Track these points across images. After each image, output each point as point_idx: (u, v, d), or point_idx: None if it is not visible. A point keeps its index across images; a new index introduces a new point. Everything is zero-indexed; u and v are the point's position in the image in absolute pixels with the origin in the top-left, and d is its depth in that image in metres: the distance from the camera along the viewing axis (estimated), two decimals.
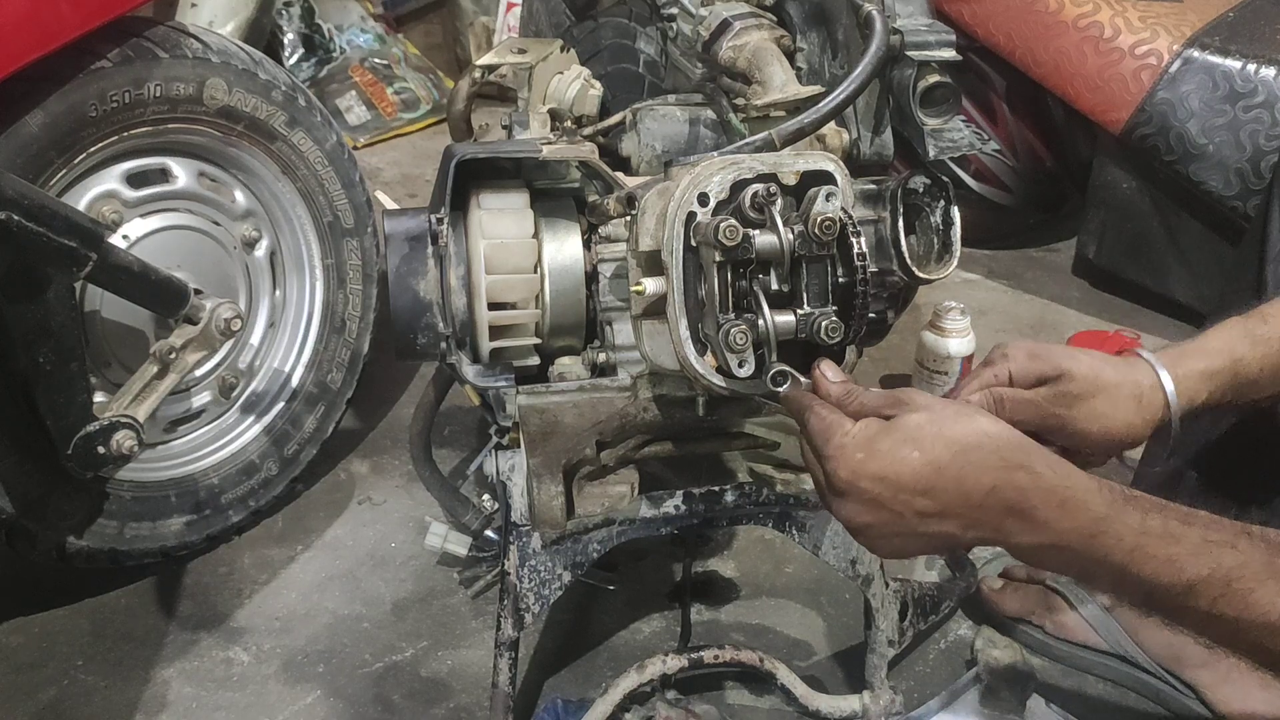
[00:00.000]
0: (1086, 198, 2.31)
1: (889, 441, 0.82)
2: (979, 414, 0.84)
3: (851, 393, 0.89)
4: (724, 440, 1.21)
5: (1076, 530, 0.79)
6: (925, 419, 0.83)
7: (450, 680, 1.40)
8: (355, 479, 1.77)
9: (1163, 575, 0.77)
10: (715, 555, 1.60)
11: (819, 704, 1.29)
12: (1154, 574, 0.78)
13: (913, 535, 0.84)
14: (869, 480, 0.82)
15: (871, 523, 0.85)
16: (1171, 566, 0.77)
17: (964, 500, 0.81)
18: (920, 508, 0.82)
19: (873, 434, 0.83)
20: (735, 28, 1.33)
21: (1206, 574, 0.77)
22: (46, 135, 1.30)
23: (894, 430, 0.83)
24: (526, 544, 1.22)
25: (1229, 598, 0.76)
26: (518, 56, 1.44)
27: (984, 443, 0.81)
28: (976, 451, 0.81)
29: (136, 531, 1.50)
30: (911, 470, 0.81)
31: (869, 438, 0.83)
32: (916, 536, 0.84)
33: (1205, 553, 0.77)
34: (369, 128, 3.17)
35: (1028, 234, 2.58)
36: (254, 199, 1.59)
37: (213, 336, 1.40)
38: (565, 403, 1.19)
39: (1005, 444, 0.81)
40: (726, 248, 0.94)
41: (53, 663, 1.42)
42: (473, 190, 1.23)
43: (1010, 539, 0.82)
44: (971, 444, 0.81)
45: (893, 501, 0.82)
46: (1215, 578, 0.76)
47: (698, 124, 1.39)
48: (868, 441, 0.83)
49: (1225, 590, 0.76)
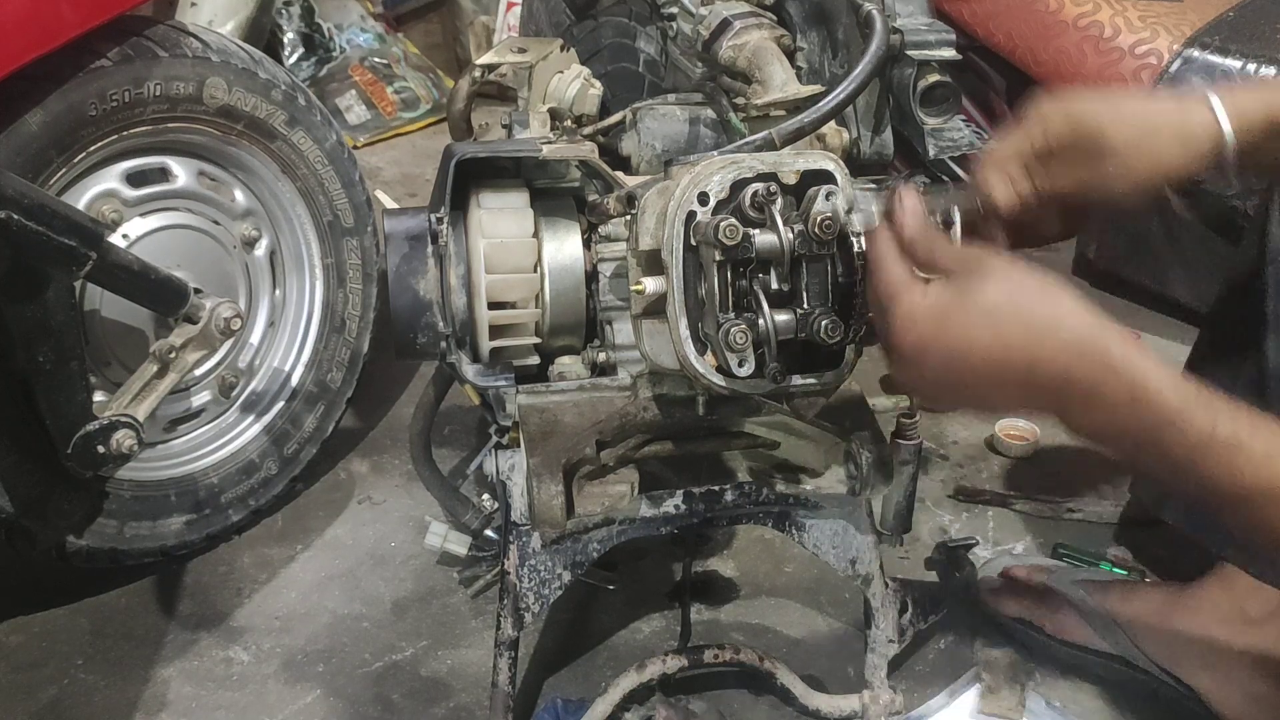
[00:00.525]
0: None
1: (962, 318, 0.79)
2: (1060, 293, 0.80)
3: (927, 238, 0.84)
4: (724, 440, 1.21)
5: (1141, 424, 0.77)
6: (1004, 298, 0.79)
7: (450, 680, 1.40)
8: (355, 478, 1.77)
9: (1221, 481, 0.76)
10: (715, 555, 1.60)
11: (819, 703, 1.29)
12: (1212, 478, 0.76)
13: (968, 399, 0.83)
14: (936, 354, 0.80)
15: (929, 388, 0.83)
16: (1230, 473, 0.76)
17: (1030, 381, 0.78)
18: (985, 381, 0.80)
19: (945, 307, 0.80)
20: (735, 27, 1.33)
21: (1266, 487, 0.75)
22: (46, 134, 1.30)
23: (968, 306, 0.79)
24: (526, 543, 1.22)
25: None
26: (518, 56, 1.44)
27: (1061, 328, 0.78)
28: (1052, 337, 0.78)
29: (136, 531, 1.50)
30: (984, 349, 0.78)
31: (942, 311, 0.80)
32: (972, 400, 0.83)
33: (1266, 466, 0.75)
34: (369, 127, 3.17)
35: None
36: (254, 198, 1.59)
37: (212, 336, 1.40)
38: (565, 402, 1.19)
39: (1083, 329, 0.78)
40: (726, 247, 0.94)
41: (53, 662, 1.42)
42: (473, 189, 1.23)
43: (1070, 418, 0.80)
44: (1049, 327, 0.78)
45: (957, 374, 0.80)
46: (1274, 492, 0.75)
47: (698, 123, 1.39)
48: (940, 314, 0.80)
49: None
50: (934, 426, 1.90)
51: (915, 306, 0.81)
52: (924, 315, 0.81)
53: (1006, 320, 0.78)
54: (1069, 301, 0.79)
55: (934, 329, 0.80)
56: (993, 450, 1.85)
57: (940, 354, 0.80)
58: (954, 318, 0.80)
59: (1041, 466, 1.81)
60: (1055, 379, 0.78)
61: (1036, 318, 0.78)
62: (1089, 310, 0.79)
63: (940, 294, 0.81)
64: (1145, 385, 0.77)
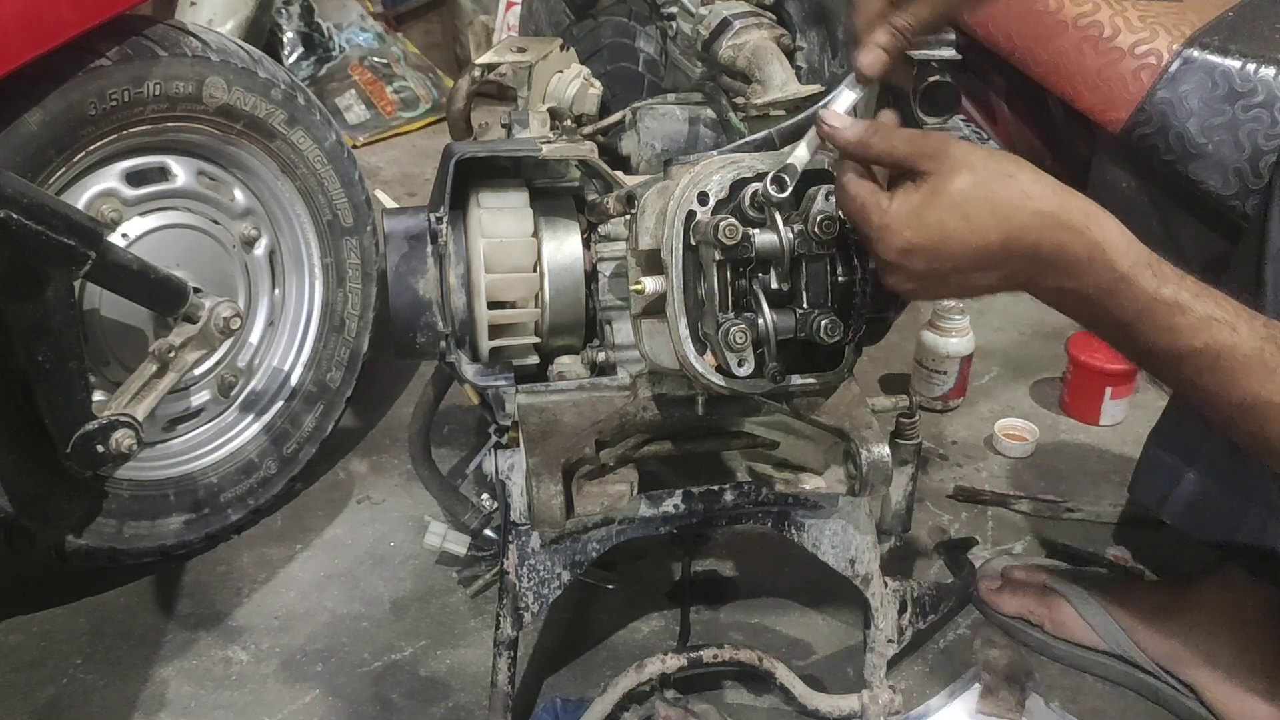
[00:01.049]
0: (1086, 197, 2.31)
1: (935, 213, 0.83)
2: (1019, 171, 0.85)
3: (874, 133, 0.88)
4: (723, 439, 1.21)
5: (1096, 284, 0.83)
6: (969, 185, 0.83)
7: (449, 679, 1.40)
8: (354, 478, 1.77)
9: (1161, 340, 0.82)
10: (714, 554, 1.60)
11: (818, 703, 1.29)
12: (1153, 338, 0.82)
13: (953, 287, 0.88)
14: (919, 255, 0.84)
15: (916, 286, 0.88)
16: (1171, 334, 0.81)
17: (1006, 257, 0.83)
18: (965, 267, 0.84)
19: (915, 206, 0.84)
20: (735, 26, 1.33)
21: (1200, 347, 0.81)
22: (46, 133, 1.30)
23: (937, 200, 0.83)
24: (525, 543, 1.22)
25: (1215, 373, 0.81)
26: (517, 55, 1.44)
27: (1026, 204, 0.83)
28: (1020, 213, 0.83)
29: (135, 530, 1.49)
30: (960, 239, 0.83)
31: (912, 211, 0.84)
32: (956, 287, 0.88)
33: (1205, 328, 0.81)
34: (368, 126, 3.17)
35: None
36: (253, 197, 1.59)
37: (212, 335, 1.40)
38: (564, 402, 1.19)
39: (1044, 201, 0.83)
40: (726, 247, 0.94)
41: (51, 661, 1.42)
42: (472, 189, 1.23)
43: (1037, 285, 0.86)
44: (1016, 205, 0.83)
45: (940, 266, 0.85)
46: (1208, 352, 0.81)
47: (697, 123, 1.39)
48: (912, 216, 0.84)
49: (1213, 365, 0.81)
50: (934, 426, 1.90)
51: (887, 215, 0.85)
52: (898, 222, 0.85)
53: (976, 206, 0.83)
54: (1028, 178, 0.84)
55: (911, 232, 0.84)
56: (992, 450, 1.85)
57: (922, 253, 0.84)
58: (927, 217, 0.84)
59: (1041, 466, 1.81)
60: (1025, 250, 0.83)
61: (1001, 199, 0.83)
62: (1048, 182, 0.84)
63: (908, 198, 0.85)
64: (1103, 246, 0.83)
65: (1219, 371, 0.81)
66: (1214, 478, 1.28)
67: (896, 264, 0.86)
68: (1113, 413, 1.91)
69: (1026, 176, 0.84)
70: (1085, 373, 1.91)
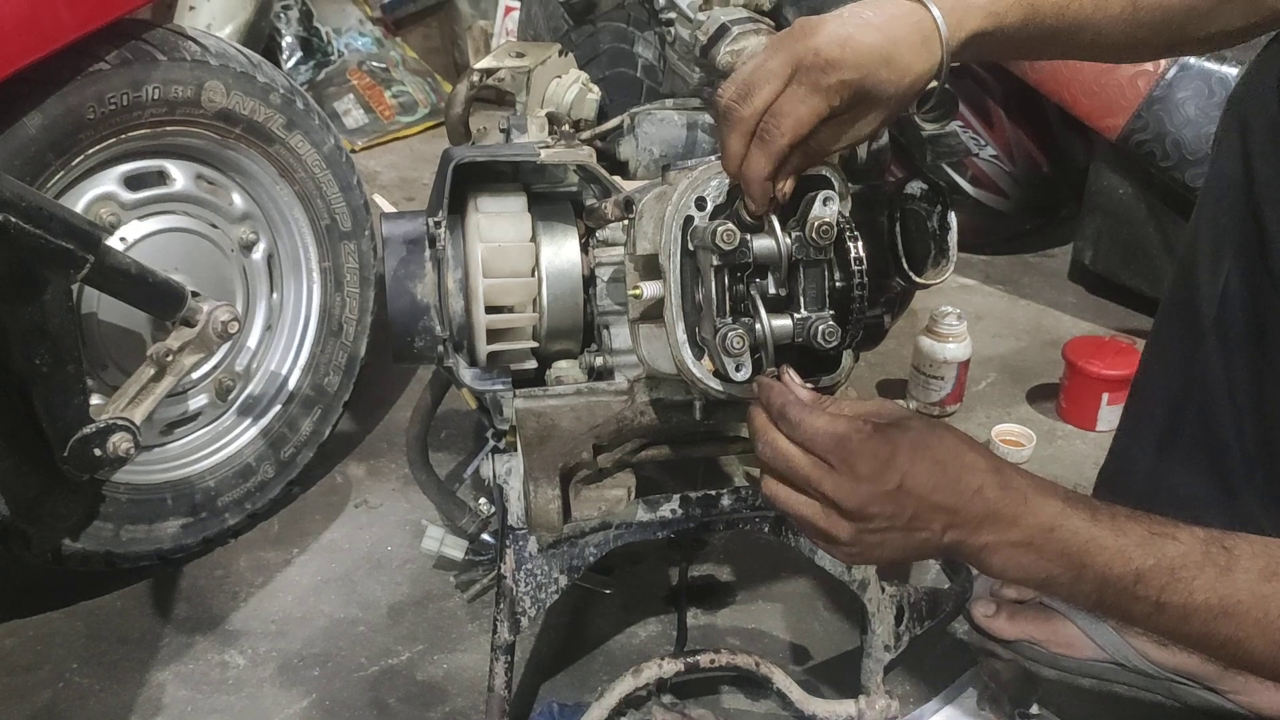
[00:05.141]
0: (1083, 203, 2.31)
1: (906, 449, 0.85)
2: (947, 427, 0.89)
3: (824, 399, 0.90)
4: (721, 444, 1.21)
5: (1039, 525, 0.84)
6: (922, 427, 0.87)
7: (446, 684, 1.40)
8: (352, 482, 1.77)
9: (1115, 566, 0.82)
10: (711, 559, 1.60)
11: (815, 708, 1.29)
12: (1106, 565, 0.82)
13: (900, 545, 0.87)
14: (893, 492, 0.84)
15: (875, 539, 0.87)
16: (1121, 557, 0.82)
17: (955, 500, 0.84)
18: (920, 512, 0.85)
19: (895, 443, 0.85)
20: (733, 32, 1.33)
21: (1153, 563, 0.81)
22: (44, 137, 1.30)
23: (904, 439, 0.85)
24: (523, 548, 1.22)
25: (1174, 586, 0.81)
26: (516, 60, 1.44)
27: (970, 448, 0.87)
28: (969, 454, 0.86)
29: (132, 534, 1.49)
30: (926, 474, 0.84)
31: (888, 447, 0.85)
32: (902, 546, 0.87)
33: (1150, 544, 0.82)
34: (367, 131, 3.17)
35: (1024, 239, 2.59)
36: (252, 202, 1.59)
37: (210, 339, 1.40)
38: (562, 406, 1.19)
39: (984, 451, 0.87)
40: (724, 252, 0.94)
41: (48, 665, 1.42)
42: (470, 194, 1.24)
43: (980, 539, 0.85)
44: (964, 448, 0.86)
45: (901, 509, 0.85)
46: (1161, 567, 0.81)
47: (695, 128, 1.39)
48: (888, 450, 0.85)
49: (1170, 579, 0.81)
50: None
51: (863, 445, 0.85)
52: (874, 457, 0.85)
53: (936, 444, 0.86)
54: (959, 433, 0.89)
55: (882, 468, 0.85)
56: None
57: (898, 489, 0.85)
58: (900, 453, 0.85)
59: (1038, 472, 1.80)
60: (972, 493, 0.85)
61: (952, 442, 0.87)
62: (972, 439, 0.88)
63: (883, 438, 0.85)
64: (1033, 489, 0.85)
65: (1177, 584, 0.81)
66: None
67: (864, 505, 0.85)
68: (1109, 418, 1.91)
69: (953, 433, 0.88)
70: (1082, 378, 1.92)
